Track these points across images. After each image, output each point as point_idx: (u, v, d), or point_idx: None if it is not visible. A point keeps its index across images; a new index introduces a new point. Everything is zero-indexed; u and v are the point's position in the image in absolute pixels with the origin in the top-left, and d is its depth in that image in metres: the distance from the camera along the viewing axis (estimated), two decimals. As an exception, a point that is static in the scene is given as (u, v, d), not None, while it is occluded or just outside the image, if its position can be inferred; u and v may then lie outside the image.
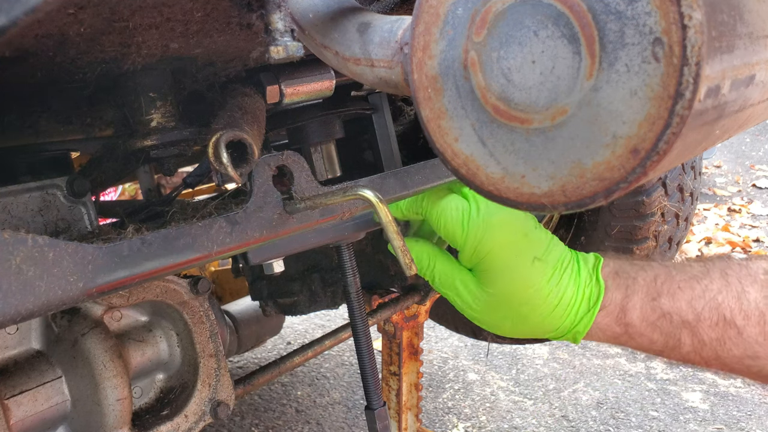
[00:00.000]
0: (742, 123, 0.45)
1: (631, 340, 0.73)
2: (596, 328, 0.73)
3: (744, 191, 5.06)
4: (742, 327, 0.66)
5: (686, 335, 0.69)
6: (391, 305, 1.24)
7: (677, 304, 0.69)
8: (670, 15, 0.33)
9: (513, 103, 0.42)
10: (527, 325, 0.74)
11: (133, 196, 2.33)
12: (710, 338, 0.68)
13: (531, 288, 0.72)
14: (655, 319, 0.70)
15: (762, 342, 0.65)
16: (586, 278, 0.73)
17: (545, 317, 0.73)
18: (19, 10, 0.34)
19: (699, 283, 0.69)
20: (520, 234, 0.72)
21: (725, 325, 0.67)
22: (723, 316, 0.67)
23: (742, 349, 0.66)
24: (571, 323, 0.73)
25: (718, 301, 0.67)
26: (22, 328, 0.76)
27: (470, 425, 2.11)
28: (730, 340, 0.67)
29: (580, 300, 0.72)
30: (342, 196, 0.60)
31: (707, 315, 0.68)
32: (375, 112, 0.96)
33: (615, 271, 0.74)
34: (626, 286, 0.72)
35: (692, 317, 0.68)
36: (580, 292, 0.72)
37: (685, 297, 0.69)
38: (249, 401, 2.30)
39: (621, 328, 0.72)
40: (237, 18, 0.50)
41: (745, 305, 0.66)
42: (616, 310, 0.72)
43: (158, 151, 0.64)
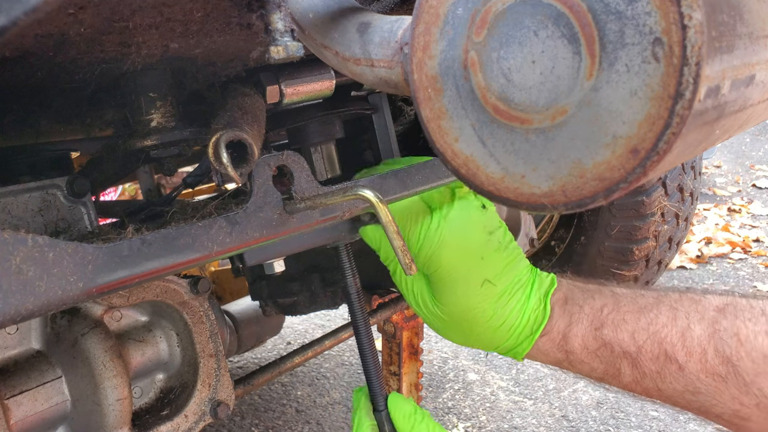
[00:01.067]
0: (742, 123, 0.45)
1: (571, 366, 0.75)
2: (538, 351, 0.75)
3: (744, 191, 5.06)
4: (684, 363, 0.66)
5: (627, 366, 0.70)
6: (391, 305, 1.24)
7: (620, 336, 0.70)
8: (670, 15, 0.33)
9: (513, 103, 0.42)
10: (470, 339, 0.77)
11: (133, 196, 2.33)
12: (651, 371, 0.68)
13: (475, 309, 0.74)
14: (595, 348, 0.71)
15: (703, 379, 0.65)
16: (534, 304, 0.75)
17: (487, 336, 0.75)
18: (19, 10, 0.34)
19: (645, 315, 0.70)
20: (475, 257, 0.74)
21: (666, 359, 0.67)
22: (665, 350, 0.67)
23: (683, 384, 0.66)
24: (512, 344, 0.75)
25: (661, 336, 0.68)
26: (22, 328, 0.76)
27: (470, 425, 2.11)
28: (671, 374, 0.67)
29: (523, 324, 0.74)
30: (342, 196, 0.60)
31: (648, 348, 0.68)
32: (375, 112, 0.96)
33: (565, 297, 0.75)
34: (571, 314, 0.74)
35: (633, 349, 0.69)
36: (525, 317, 0.74)
37: (628, 329, 0.70)
38: (249, 401, 2.30)
39: (562, 354, 0.74)
40: (237, 18, 0.50)
41: (688, 342, 0.66)
42: (559, 337, 0.73)
43: (158, 151, 0.64)
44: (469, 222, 0.75)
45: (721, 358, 0.63)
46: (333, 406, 2.26)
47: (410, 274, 0.61)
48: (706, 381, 0.64)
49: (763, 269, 3.43)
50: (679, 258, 3.57)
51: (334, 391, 2.36)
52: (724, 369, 0.63)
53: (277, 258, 0.81)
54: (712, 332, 0.65)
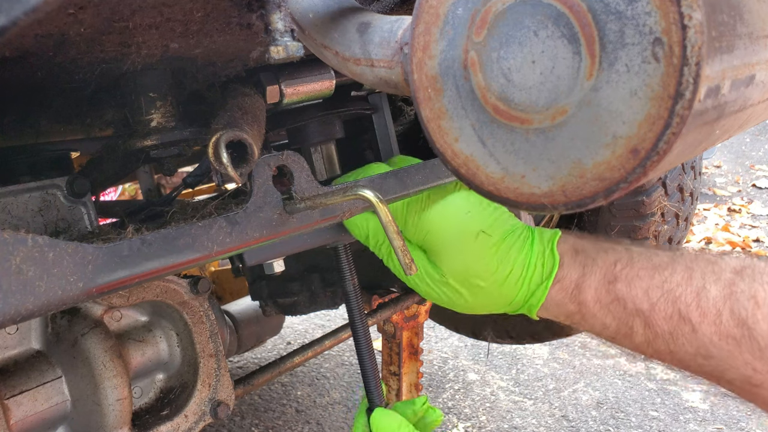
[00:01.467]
0: (742, 123, 0.45)
1: (584, 320, 0.72)
2: (552, 302, 0.72)
3: (744, 191, 5.06)
4: (697, 324, 0.63)
5: (639, 324, 0.68)
6: (391, 305, 1.24)
7: (633, 291, 0.68)
8: (670, 15, 0.33)
9: (513, 103, 0.42)
10: (480, 298, 0.75)
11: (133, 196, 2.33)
12: (663, 330, 0.66)
13: (478, 261, 0.72)
14: (608, 303, 0.69)
15: (716, 342, 0.62)
16: (539, 251, 0.73)
17: (496, 289, 0.73)
18: (19, 10, 0.34)
19: (660, 273, 0.67)
20: (460, 211, 0.73)
21: (679, 319, 0.65)
22: (678, 310, 0.65)
23: (696, 347, 0.64)
24: (524, 296, 0.73)
25: (675, 294, 0.65)
26: (22, 328, 0.76)
27: (470, 425, 2.11)
28: (684, 335, 0.65)
29: (532, 272, 0.72)
30: (342, 196, 0.60)
31: (662, 306, 0.66)
32: (375, 112, 0.96)
33: (574, 248, 0.73)
34: (584, 264, 0.71)
35: (647, 307, 0.67)
36: (532, 264, 0.72)
37: (642, 285, 0.67)
38: (249, 401, 2.30)
39: (575, 306, 0.71)
40: (237, 18, 0.50)
41: (703, 302, 0.64)
42: (571, 286, 0.71)
43: (158, 151, 0.64)
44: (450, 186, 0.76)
45: (736, 321, 0.61)
46: (333, 406, 2.26)
47: (410, 274, 0.61)
48: (719, 344, 0.62)
49: (763, 269, 3.43)
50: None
51: (334, 391, 2.36)
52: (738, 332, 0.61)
53: (277, 258, 0.81)
54: (728, 293, 0.63)
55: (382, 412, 0.81)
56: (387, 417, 0.80)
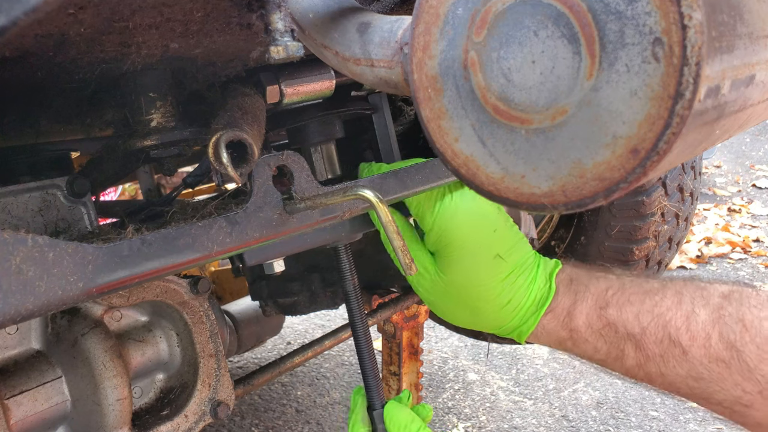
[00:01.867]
0: (742, 123, 0.45)
1: (575, 346, 0.74)
2: (542, 330, 0.75)
3: (744, 191, 5.06)
4: (688, 347, 0.65)
5: (630, 348, 0.70)
6: (391, 305, 1.24)
7: (624, 316, 0.70)
8: (670, 15, 0.33)
9: (513, 103, 0.42)
10: (475, 318, 0.76)
11: (133, 196, 2.33)
12: (654, 354, 0.68)
13: (486, 284, 0.73)
14: (600, 328, 0.71)
15: (706, 364, 0.64)
16: (541, 283, 0.75)
17: (494, 313, 0.75)
18: (19, 10, 0.34)
19: (650, 298, 0.69)
20: (488, 228, 0.74)
21: (670, 342, 0.67)
22: (669, 333, 0.67)
23: (686, 370, 0.66)
24: (517, 323, 0.75)
25: (666, 319, 0.67)
26: (22, 328, 0.76)
27: (470, 425, 2.11)
28: (675, 358, 0.66)
29: (530, 302, 0.74)
30: (342, 196, 0.60)
31: (653, 330, 0.68)
32: (375, 112, 0.96)
33: (569, 278, 0.75)
34: (576, 292, 0.74)
35: (638, 330, 0.69)
36: (531, 295, 0.74)
37: (633, 310, 0.70)
38: (249, 401, 2.30)
39: (566, 332, 0.73)
40: (237, 18, 0.50)
41: (692, 326, 0.66)
42: (563, 314, 0.73)
43: (158, 151, 0.64)
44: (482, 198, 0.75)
45: (725, 344, 0.63)
46: (333, 406, 2.26)
47: (410, 274, 0.61)
48: (710, 366, 0.64)
49: (763, 269, 3.43)
50: (679, 258, 3.57)
51: (334, 391, 2.36)
52: (727, 354, 0.63)
53: (277, 258, 0.81)
54: (716, 317, 0.65)
55: (394, 405, 0.81)
56: (400, 411, 0.81)
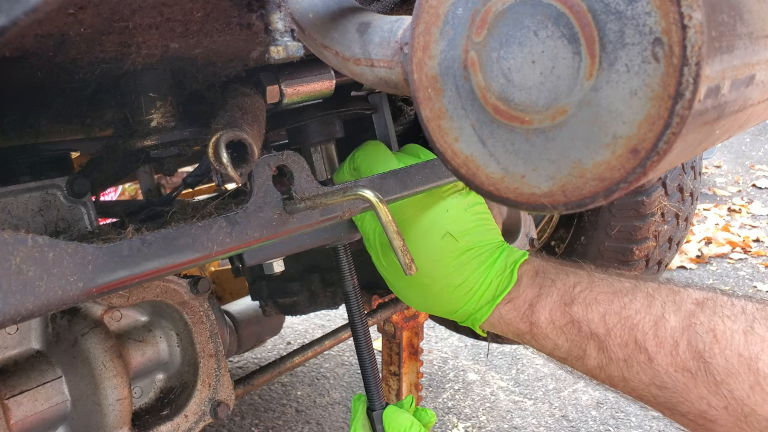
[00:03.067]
0: (742, 123, 0.45)
1: (534, 340, 0.72)
2: (501, 320, 0.72)
3: (744, 191, 5.06)
4: (653, 353, 0.62)
5: (593, 348, 0.67)
6: (391, 305, 1.24)
7: (589, 315, 0.67)
8: (670, 15, 0.33)
9: (513, 103, 0.42)
10: (430, 300, 0.75)
11: (133, 196, 2.33)
12: (617, 357, 0.65)
13: (435, 262, 0.72)
14: (562, 324, 0.69)
15: (672, 373, 0.61)
16: (498, 270, 0.72)
17: (447, 295, 0.73)
18: (19, 10, 0.34)
19: (620, 299, 0.66)
20: (440, 208, 0.73)
21: (635, 347, 0.64)
22: (635, 338, 0.64)
23: (650, 377, 0.63)
24: (472, 308, 0.73)
25: (633, 322, 0.64)
26: (22, 328, 0.76)
27: (470, 425, 2.11)
28: (639, 364, 0.63)
29: (485, 287, 0.72)
30: (342, 196, 0.60)
31: (618, 333, 0.65)
32: (375, 112, 0.96)
33: (536, 269, 0.73)
34: (541, 285, 0.71)
35: (602, 331, 0.66)
36: (487, 280, 0.72)
37: (599, 309, 0.67)
38: (249, 401, 2.30)
39: (526, 325, 0.71)
40: (237, 18, 0.50)
41: (660, 332, 0.62)
42: (525, 306, 0.71)
43: (158, 151, 0.64)
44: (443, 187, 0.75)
45: (693, 353, 0.60)
46: (333, 406, 2.26)
47: (410, 274, 0.61)
48: (675, 376, 0.61)
49: (763, 269, 3.43)
50: (679, 258, 3.57)
51: (334, 391, 2.36)
52: (694, 365, 0.60)
53: (279, 257, 0.81)
54: (687, 325, 0.61)
55: (394, 410, 0.81)
56: (399, 415, 0.80)
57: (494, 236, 0.76)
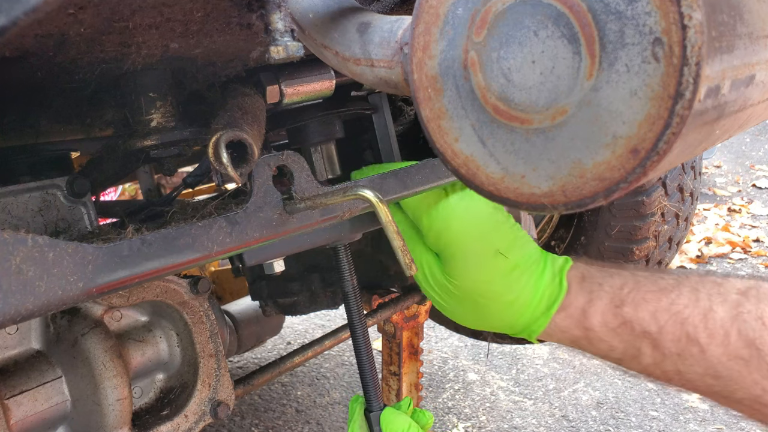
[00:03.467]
0: (742, 123, 0.45)
1: (590, 344, 0.73)
2: (556, 329, 0.73)
3: (744, 191, 5.06)
4: (706, 345, 0.64)
5: (647, 346, 0.68)
6: (391, 305, 1.24)
7: (640, 314, 0.68)
8: (670, 15, 0.33)
9: (513, 103, 0.42)
10: (483, 317, 0.75)
11: (133, 196, 2.33)
12: (671, 352, 0.66)
13: (488, 282, 0.72)
14: (616, 326, 0.70)
15: (725, 362, 0.63)
16: (548, 279, 0.73)
17: (501, 312, 0.73)
18: (19, 10, 0.34)
19: (667, 296, 0.68)
20: (486, 228, 0.73)
21: (688, 341, 0.65)
22: (686, 331, 0.65)
23: (704, 368, 0.65)
24: (527, 321, 0.74)
25: (683, 316, 0.66)
26: (22, 328, 0.76)
27: (470, 425, 2.11)
28: (692, 357, 0.65)
29: (538, 299, 0.73)
30: (342, 196, 0.60)
31: (670, 329, 0.66)
32: (375, 112, 0.96)
33: (582, 275, 0.74)
34: (590, 290, 0.72)
35: (654, 329, 0.67)
36: (539, 292, 0.73)
37: (649, 308, 0.68)
38: (249, 401, 2.30)
39: (581, 331, 0.72)
40: (237, 18, 0.50)
41: (710, 323, 0.64)
42: (578, 313, 0.72)
43: (158, 151, 0.64)
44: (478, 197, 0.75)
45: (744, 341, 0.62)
46: (333, 406, 2.26)
47: (410, 274, 0.61)
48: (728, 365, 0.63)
49: (763, 269, 3.43)
50: (679, 258, 3.57)
51: (334, 391, 2.36)
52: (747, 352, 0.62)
53: (279, 257, 0.81)
54: (735, 315, 0.63)
55: (391, 411, 0.81)
56: (397, 417, 0.80)
57: (534, 246, 0.76)
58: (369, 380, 0.86)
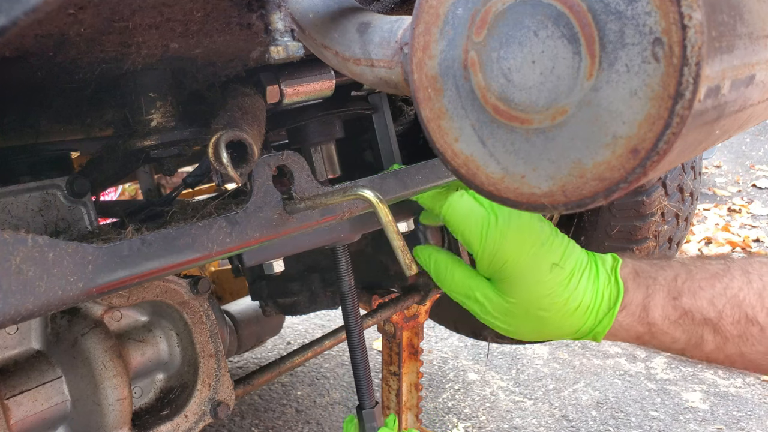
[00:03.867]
0: (742, 123, 0.45)
1: (653, 339, 0.74)
2: (619, 327, 0.74)
3: (744, 191, 5.06)
4: (765, 323, 0.66)
5: (708, 333, 0.70)
6: (391, 305, 1.24)
7: (699, 303, 0.70)
8: (670, 15, 0.33)
9: (513, 103, 0.42)
10: (548, 329, 0.75)
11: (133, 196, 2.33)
12: (732, 335, 0.68)
13: (550, 295, 0.73)
14: (677, 318, 0.71)
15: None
16: (604, 280, 0.74)
17: (565, 321, 0.74)
18: (19, 10, 0.34)
19: (720, 281, 0.70)
20: (537, 243, 0.73)
21: (747, 322, 0.67)
22: (745, 313, 0.67)
23: (766, 346, 0.67)
24: (591, 325, 0.74)
25: (739, 299, 0.68)
26: (22, 328, 0.76)
27: (470, 425, 2.11)
28: (753, 336, 0.67)
29: (599, 302, 0.73)
30: (342, 196, 0.60)
31: (729, 312, 0.68)
32: (375, 112, 0.96)
33: (635, 271, 0.74)
34: (647, 285, 0.73)
35: (714, 315, 0.69)
36: (600, 294, 0.73)
37: (706, 295, 0.70)
38: (249, 401, 2.30)
39: (644, 327, 0.73)
40: (237, 18, 0.50)
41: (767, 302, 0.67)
42: (638, 309, 0.73)
43: (158, 151, 0.64)
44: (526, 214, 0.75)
45: None
46: (333, 406, 2.26)
47: (410, 274, 0.61)
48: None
49: (763, 269, 3.43)
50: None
51: (334, 391, 2.36)
52: None
53: (279, 257, 0.81)
54: None
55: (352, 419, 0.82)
56: None
57: (581, 250, 0.77)
58: (362, 378, 0.86)
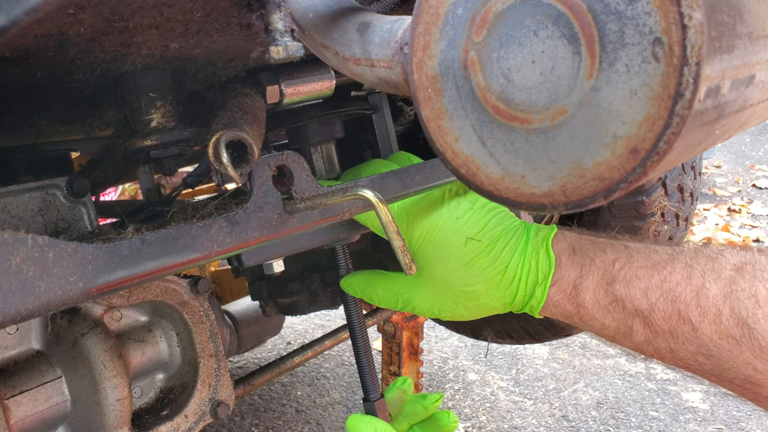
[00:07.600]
0: (742, 123, 0.45)
1: (582, 321, 0.72)
2: (550, 302, 0.72)
3: (744, 191, 5.06)
4: (697, 323, 0.63)
5: (638, 324, 0.67)
6: (391, 305, 1.24)
7: (632, 292, 0.67)
8: (670, 15, 0.33)
9: (513, 103, 0.42)
10: (478, 303, 0.74)
11: (133, 196, 2.33)
12: (663, 330, 0.66)
13: (468, 267, 0.71)
14: (607, 304, 0.69)
15: (716, 341, 0.62)
16: (532, 250, 0.72)
17: (493, 293, 0.72)
18: (19, 10, 0.34)
19: (659, 272, 0.67)
20: (449, 218, 0.72)
21: (679, 318, 0.64)
22: (678, 309, 0.64)
23: (696, 346, 0.64)
24: (522, 297, 0.73)
25: (675, 294, 0.65)
26: (22, 328, 0.76)
27: (470, 425, 2.11)
28: (684, 335, 0.64)
29: (527, 272, 0.72)
30: (342, 196, 0.60)
31: (661, 307, 0.65)
32: (375, 112, 0.96)
33: (572, 247, 0.72)
34: (582, 264, 0.71)
35: (646, 307, 0.66)
36: (525, 264, 0.71)
37: (641, 285, 0.67)
38: (249, 401, 2.30)
39: (573, 307, 0.71)
40: (237, 18, 0.50)
41: (702, 301, 0.63)
42: (569, 287, 0.71)
43: (158, 151, 0.64)
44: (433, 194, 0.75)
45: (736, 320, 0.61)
46: (333, 406, 2.26)
47: (410, 274, 0.61)
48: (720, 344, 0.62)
49: (763, 269, 3.42)
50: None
51: (334, 391, 2.36)
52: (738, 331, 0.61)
53: (278, 258, 0.81)
54: (728, 292, 0.62)
55: (357, 417, 0.81)
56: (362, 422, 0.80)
57: (512, 221, 0.75)
58: (366, 372, 0.86)
